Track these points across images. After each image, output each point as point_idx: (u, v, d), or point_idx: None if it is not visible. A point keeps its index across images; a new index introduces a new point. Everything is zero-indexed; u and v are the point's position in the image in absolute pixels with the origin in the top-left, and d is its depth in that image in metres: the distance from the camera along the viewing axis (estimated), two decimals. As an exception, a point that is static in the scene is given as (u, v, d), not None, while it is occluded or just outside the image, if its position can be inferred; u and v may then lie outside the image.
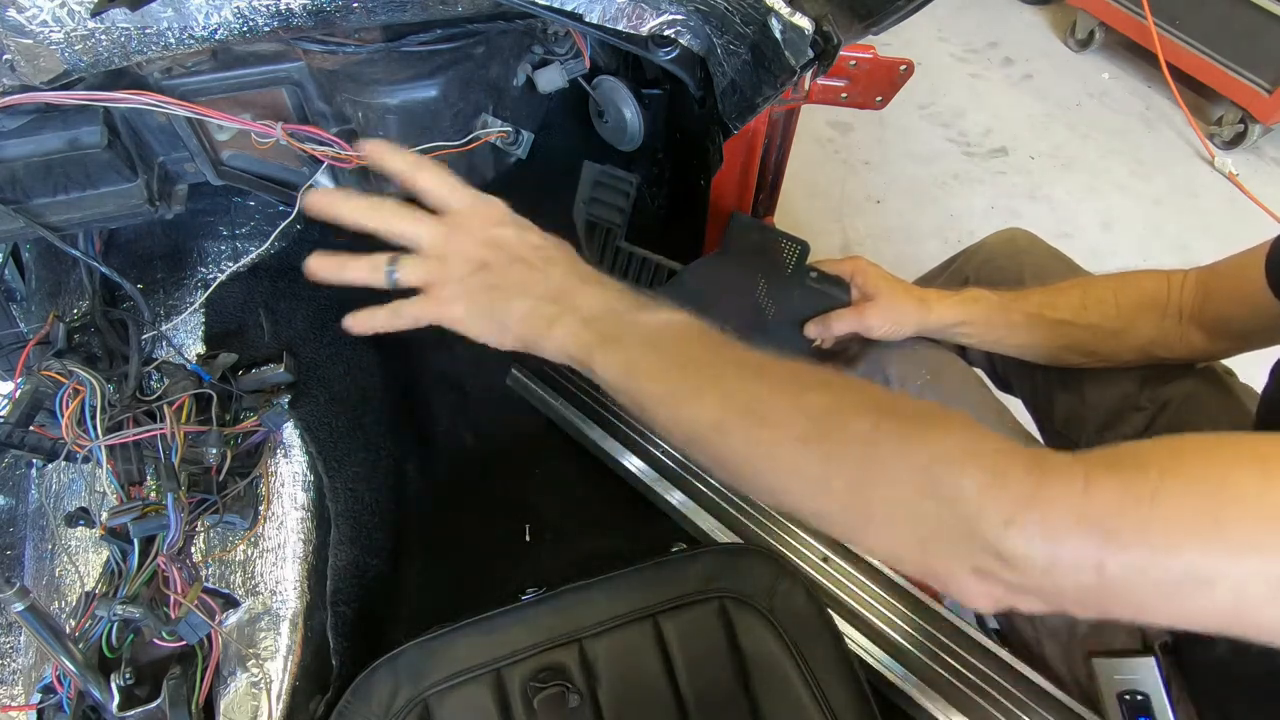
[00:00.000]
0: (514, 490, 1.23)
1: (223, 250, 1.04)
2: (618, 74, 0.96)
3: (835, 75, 1.17)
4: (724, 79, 0.77)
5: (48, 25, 0.59)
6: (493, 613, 0.84)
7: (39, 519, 0.91)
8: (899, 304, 0.90)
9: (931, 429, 0.45)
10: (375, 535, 1.02)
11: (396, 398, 1.22)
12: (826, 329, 0.90)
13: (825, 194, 2.19)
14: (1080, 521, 0.40)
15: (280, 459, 0.93)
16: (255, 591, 0.85)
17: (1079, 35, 2.65)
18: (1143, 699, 0.75)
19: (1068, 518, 0.41)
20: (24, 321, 0.97)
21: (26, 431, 0.79)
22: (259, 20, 0.64)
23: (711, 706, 0.80)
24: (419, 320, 0.64)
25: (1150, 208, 2.20)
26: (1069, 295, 0.91)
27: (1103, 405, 0.97)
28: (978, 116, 2.45)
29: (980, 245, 1.13)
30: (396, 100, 0.74)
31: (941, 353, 0.96)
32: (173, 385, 0.87)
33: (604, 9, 0.69)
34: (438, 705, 0.79)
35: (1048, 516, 0.41)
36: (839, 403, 0.47)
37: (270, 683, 0.79)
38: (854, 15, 0.72)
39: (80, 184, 0.72)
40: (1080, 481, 0.41)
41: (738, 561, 0.88)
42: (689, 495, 1.10)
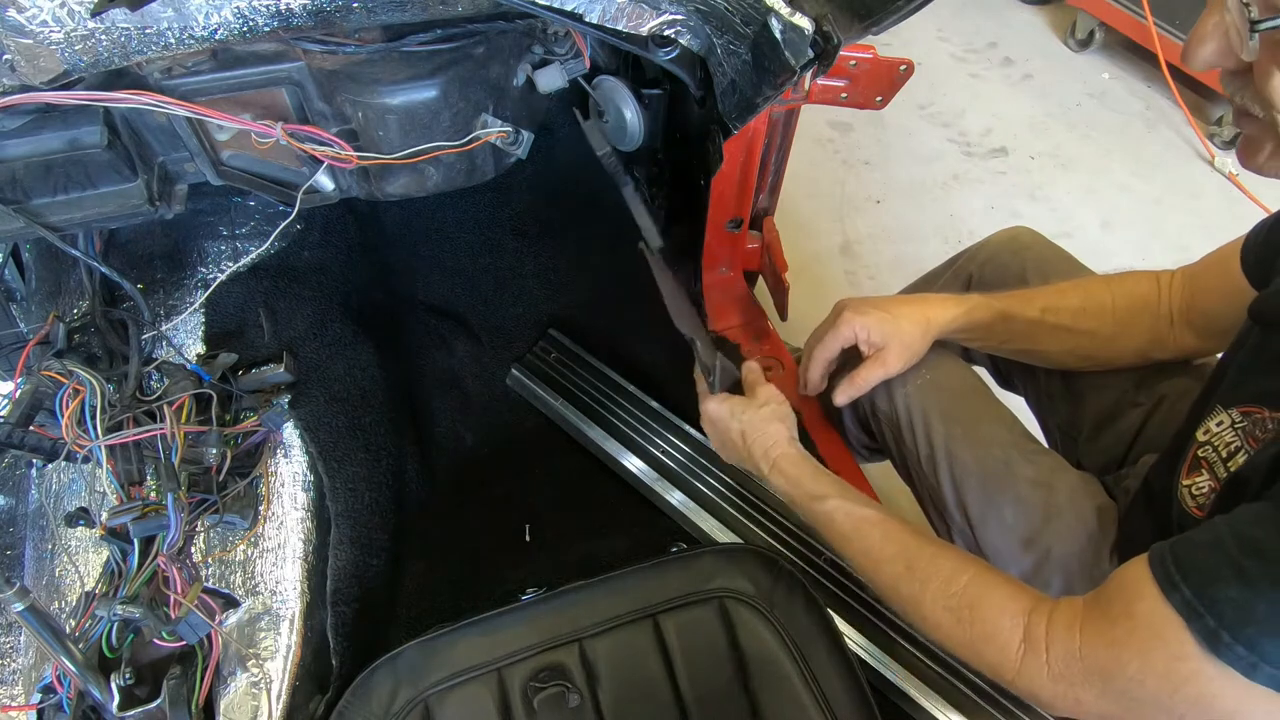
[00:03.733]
0: (514, 490, 1.23)
1: (223, 250, 1.04)
2: (618, 74, 0.96)
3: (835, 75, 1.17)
4: (724, 79, 0.77)
5: (48, 25, 0.59)
6: (493, 613, 0.84)
7: (39, 519, 0.91)
8: (906, 339, 0.92)
9: (970, 623, 0.67)
10: (375, 535, 1.02)
11: (396, 398, 1.22)
12: (859, 387, 0.93)
13: (825, 194, 2.19)
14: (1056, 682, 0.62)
15: (280, 459, 0.93)
16: (255, 591, 0.85)
17: (1079, 35, 2.65)
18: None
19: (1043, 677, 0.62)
20: (24, 321, 0.97)
21: (26, 431, 0.79)
22: (259, 20, 0.64)
23: (711, 706, 0.80)
24: None
25: (1150, 208, 2.19)
26: (1069, 298, 0.92)
27: (1101, 402, 0.97)
28: (978, 116, 2.45)
29: (983, 244, 1.13)
30: (396, 100, 0.74)
31: (943, 355, 0.97)
32: (173, 385, 0.87)
33: (604, 9, 0.69)
34: (438, 705, 0.79)
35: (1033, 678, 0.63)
36: (917, 589, 0.72)
37: (270, 683, 0.79)
38: (854, 15, 0.72)
39: (80, 184, 0.72)
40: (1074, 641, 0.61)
41: (738, 561, 0.88)
42: (689, 495, 1.10)
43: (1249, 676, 0.50)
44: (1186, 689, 0.54)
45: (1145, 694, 0.56)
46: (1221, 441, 0.69)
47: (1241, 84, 0.55)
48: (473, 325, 1.38)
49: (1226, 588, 0.51)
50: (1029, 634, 0.63)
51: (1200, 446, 0.71)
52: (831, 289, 1.95)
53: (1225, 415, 0.69)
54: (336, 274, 1.16)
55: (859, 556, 0.78)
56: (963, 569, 0.70)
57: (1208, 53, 0.54)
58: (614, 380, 1.26)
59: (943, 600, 0.69)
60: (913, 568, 0.72)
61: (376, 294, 1.28)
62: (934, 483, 0.93)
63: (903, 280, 1.30)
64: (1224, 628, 0.50)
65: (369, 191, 0.84)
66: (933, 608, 0.70)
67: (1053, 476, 0.88)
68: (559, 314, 1.40)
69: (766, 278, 1.53)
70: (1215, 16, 0.53)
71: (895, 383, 0.95)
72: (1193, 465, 0.72)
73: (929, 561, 0.72)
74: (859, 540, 0.78)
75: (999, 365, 1.12)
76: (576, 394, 1.26)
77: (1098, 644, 0.59)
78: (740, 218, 1.41)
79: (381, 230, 1.33)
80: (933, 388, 0.94)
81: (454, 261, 1.38)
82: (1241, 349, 0.72)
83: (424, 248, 1.36)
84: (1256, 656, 0.49)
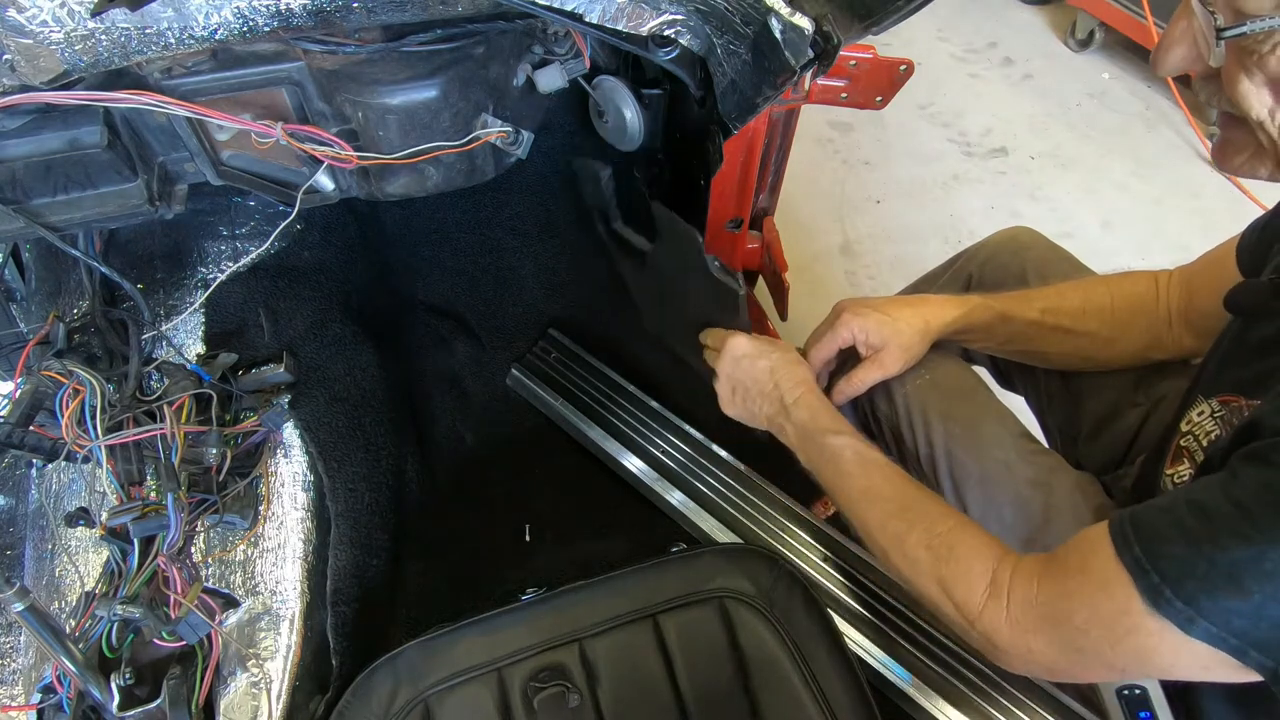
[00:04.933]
0: (514, 490, 1.23)
1: (223, 250, 1.04)
2: (618, 74, 0.96)
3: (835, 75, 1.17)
4: (724, 79, 0.77)
5: (48, 25, 0.58)
6: (493, 613, 0.84)
7: (39, 519, 0.91)
8: (904, 341, 0.91)
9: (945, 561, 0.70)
10: (375, 535, 1.02)
11: (396, 398, 1.22)
12: (856, 388, 0.93)
13: (825, 194, 2.19)
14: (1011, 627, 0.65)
15: (280, 459, 0.93)
16: (255, 591, 0.85)
17: (1079, 35, 2.65)
18: (1140, 694, 0.75)
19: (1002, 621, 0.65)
20: (24, 321, 0.97)
21: (26, 431, 0.79)
22: (259, 20, 0.64)
23: (711, 706, 0.80)
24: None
25: (1150, 208, 2.19)
26: (1069, 299, 0.92)
27: (1100, 402, 0.97)
28: (978, 116, 2.45)
29: (983, 244, 1.13)
30: (396, 100, 0.74)
31: (942, 355, 0.96)
32: (173, 385, 0.87)
33: (604, 9, 0.69)
34: (438, 705, 0.79)
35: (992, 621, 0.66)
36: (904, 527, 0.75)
37: (270, 683, 0.79)
38: (854, 15, 0.72)
39: (80, 184, 0.72)
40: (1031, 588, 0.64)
41: (738, 561, 0.88)
42: (689, 495, 1.10)
43: (1186, 631, 0.52)
44: (1128, 641, 0.56)
45: (1089, 644, 0.59)
46: (1202, 430, 0.70)
47: (1212, 89, 0.57)
48: (473, 325, 1.38)
49: (1172, 546, 0.54)
50: (995, 579, 0.67)
51: (1183, 436, 0.73)
52: (831, 289, 1.95)
53: (1206, 405, 0.70)
54: (336, 274, 1.16)
55: (857, 493, 0.80)
56: (949, 515, 0.74)
57: (1176, 58, 0.55)
58: (614, 380, 1.26)
59: (925, 540, 0.73)
60: (905, 509, 0.76)
61: (376, 294, 1.28)
62: (934, 483, 0.93)
63: (903, 280, 1.30)
64: (1166, 583, 0.53)
65: (369, 191, 0.84)
66: (915, 546, 0.73)
67: (1052, 477, 0.88)
68: (559, 314, 1.40)
69: (766, 278, 1.53)
70: (1183, 22, 0.54)
71: (894, 383, 0.95)
72: (1176, 455, 0.73)
73: (920, 505, 0.76)
74: (862, 477, 0.80)
75: (999, 365, 1.12)
76: (576, 394, 1.26)
77: (1052, 593, 0.62)
78: (740, 218, 1.41)
79: (381, 230, 1.33)
80: (932, 388, 0.94)
81: (454, 261, 1.38)
82: (1224, 341, 0.73)
83: (424, 248, 1.36)
84: (1194, 611, 0.52)
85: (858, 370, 0.93)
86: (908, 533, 0.74)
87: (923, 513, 0.75)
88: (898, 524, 0.76)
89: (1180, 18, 0.54)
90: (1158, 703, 0.74)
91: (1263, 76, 0.52)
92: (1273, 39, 0.49)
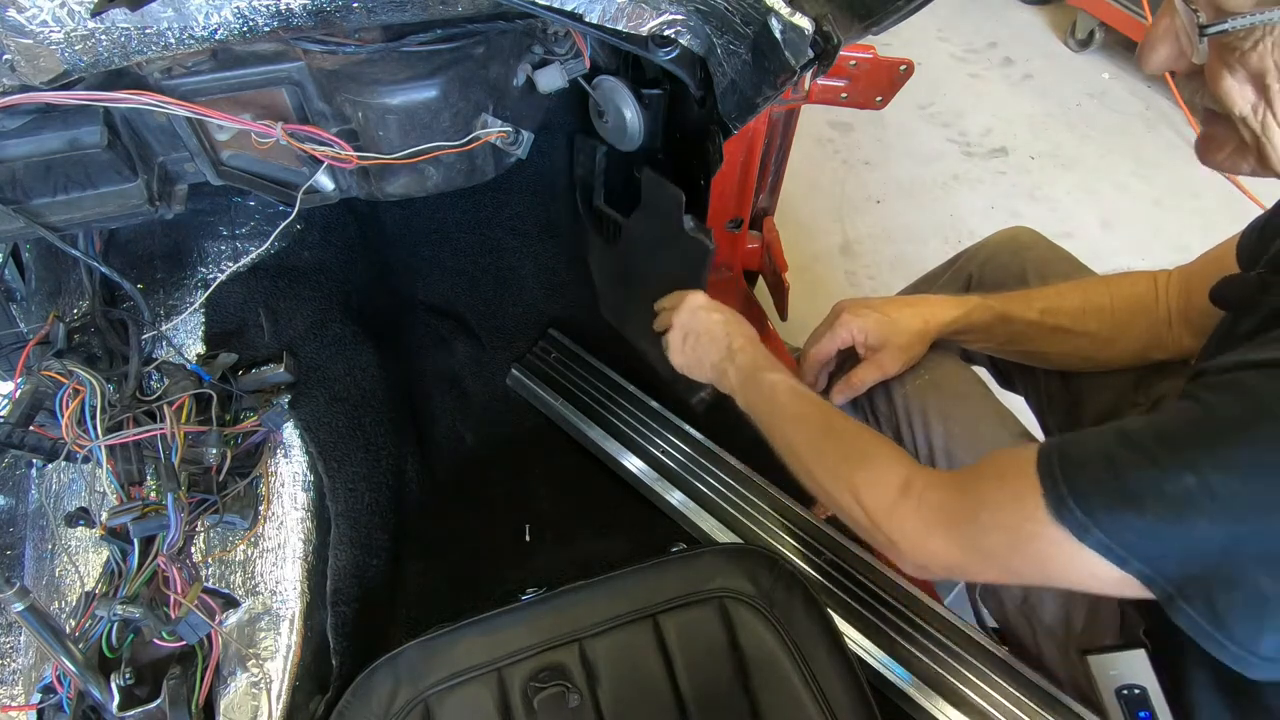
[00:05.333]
0: (514, 490, 1.23)
1: (223, 250, 1.04)
2: (618, 74, 0.95)
3: (835, 75, 1.17)
4: (724, 79, 0.77)
5: (48, 25, 0.58)
6: (493, 613, 0.84)
7: (39, 519, 0.91)
8: (903, 341, 0.92)
9: (861, 467, 0.74)
10: (375, 535, 1.02)
11: (396, 398, 1.22)
12: (855, 388, 0.94)
13: (825, 194, 2.19)
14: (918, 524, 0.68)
15: (280, 459, 0.93)
16: (255, 591, 0.85)
17: (1079, 35, 2.65)
18: (1140, 692, 0.75)
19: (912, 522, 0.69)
20: (24, 321, 0.97)
21: (26, 431, 0.79)
22: (259, 20, 0.64)
23: (711, 706, 0.80)
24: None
25: (1150, 208, 2.19)
26: (1068, 299, 0.92)
27: (1101, 403, 0.97)
28: (978, 116, 2.45)
29: (983, 244, 1.13)
30: (396, 100, 0.74)
31: (942, 355, 0.96)
32: (173, 385, 0.87)
33: (604, 9, 0.69)
34: (438, 705, 0.79)
35: (902, 521, 0.69)
36: (827, 444, 0.79)
37: (270, 683, 0.79)
38: (854, 15, 0.72)
39: (80, 184, 0.72)
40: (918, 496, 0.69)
41: (738, 561, 0.88)
42: (689, 495, 1.10)
43: (1080, 539, 0.55)
44: (1027, 546, 0.59)
45: (989, 545, 0.63)
46: None
47: (1196, 86, 0.58)
48: (473, 325, 1.38)
49: (1087, 465, 0.57)
50: (909, 484, 0.70)
51: None
52: (831, 289, 1.95)
53: None
54: (336, 274, 1.16)
55: (789, 420, 0.84)
56: (869, 432, 0.80)
57: (1160, 57, 0.57)
58: (614, 380, 1.26)
59: (844, 451, 0.77)
60: (829, 427, 0.81)
61: (376, 294, 1.28)
62: (933, 482, 0.93)
63: (903, 280, 1.30)
64: (1072, 495, 0.56)
65: (369, 191, 0.84)
66: (835, 458, 0.78)
67: (1051, 476, 0.88)
68: (559, 314, 1.40)
69: (766, 278, 1.53)
70: (1166, 20, 0.55)
71: (894, 383, 0.95)
72: None
73: (843, 423, 0.81)
74: (794, 406, 0.84)
75: (999, 365, 1.12)
76: (576, 394, 1.26)
77: (964, 495, 0.66)
78: (740, 218, 1.42)
79: (381, 230, 1.33)
80: (931, 388, 0.94)
81: (454, 261, 1.38)
82: (1215, 336, 0.74)
83: (424, 248, 1.36)
84: (1091, 521, 0.55)
85: (857, 370, 0.93)
86: (829, 447, 0.79)
87: (844, 430, 0.80)
88: (821, 440, 0.80)
89: (1164, 15, 0.55)
90: (1157, 702, 0.75)
91: (1245, 73, 0.52)
92: (1253, 36, 0.50)
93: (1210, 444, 0.51)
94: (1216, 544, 0.51)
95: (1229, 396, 0.53)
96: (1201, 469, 0.51)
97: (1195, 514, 0.51)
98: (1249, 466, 0.50)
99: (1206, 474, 0.50)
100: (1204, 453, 0.51)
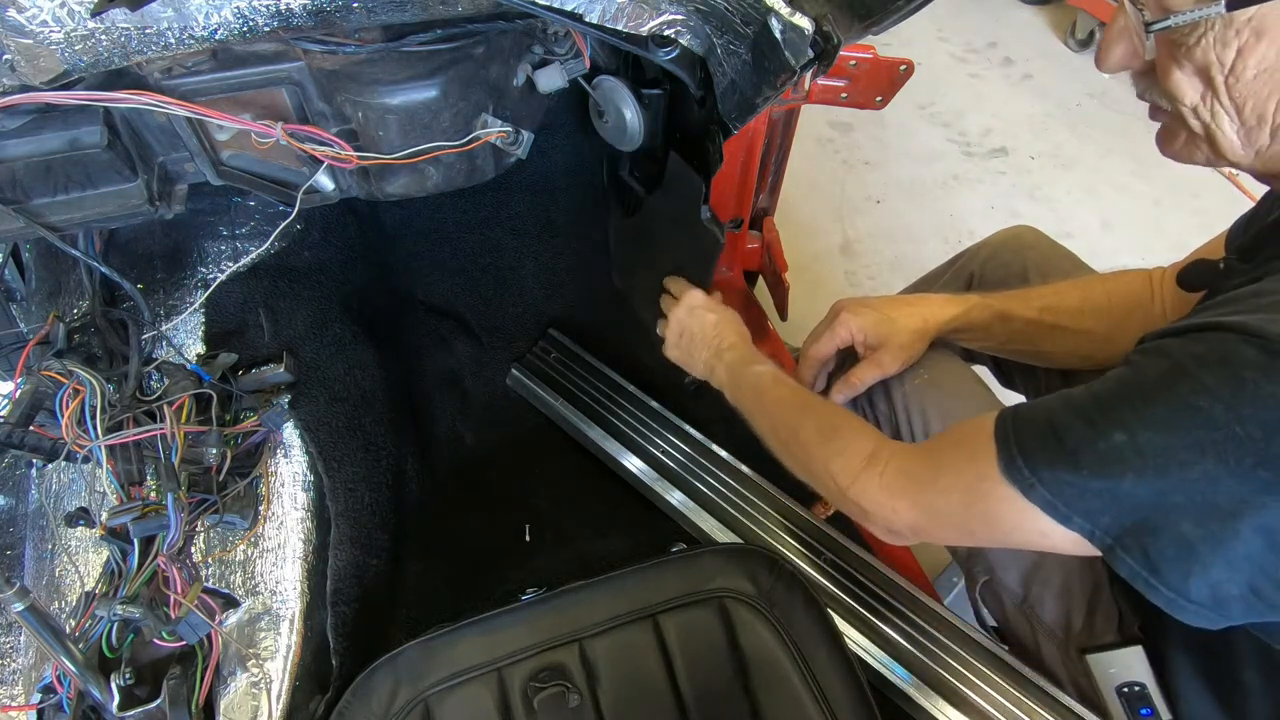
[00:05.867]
0: (514, 490, 1.23)
1: (223, 250, 1.04)
2: (618, 74, 0.95)
3: (835, 75, 1.17)
4: (724, 79, 0.77)
5: (48, 25, 0.58)
6: (493, 613, 0.84)
7: (39, 519, 0.91)
8: (902, 340, 0.92)
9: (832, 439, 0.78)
10: (375, 535, 1.02)
11: (396, 398, 1.22)
12: (854, 387, 0.95)
13: (825, 194, 2.19)
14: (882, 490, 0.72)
15: (280, 459, 0.93)
16: (255, 591, 0.85)
17: (1079, 35, 2.65)
18: (1140, 689, 0.76)
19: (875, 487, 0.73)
20: (24, 321, 0.97)
21: (26, 431, 0.79)
22: (259, 20, 0.63)
23: (711, 706, 0.80)
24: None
25: (1150, 208, 2.19)
26: (1067, 298, 0.92)
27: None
28: (978, 116, 2.45)
29: (985, 243, 1.14)
30: (396, 100, 0.74)
31: (941, 354, 0.96)
32: (173, 385, 0.87)
33: (604, 9, 0.69)
34: (438, 705, 0.79)
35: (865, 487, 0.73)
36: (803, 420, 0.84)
37: (270, 683, 0.79)
38: (854, 15, 0.72)
39: (80, 184, 0.72)
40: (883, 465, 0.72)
41: (738, 561, 0.88)
42: (689, 495, 1.10)
43: (1026, 496, 0.58)
44: (980, 505, 0.63)
45: (947, 506, 0.66)
46: None
47: (1149, 83, 0.61)
48: (473, 325, 1.38)
49: (1035, 424, 0.60)
50: (875, 453, 0.74)
51: None
52: (831, 289, 1.95)
53: None
54: (336, 274, 1.16)
55: (771, 403, 0.89)
56: (843, 411, 0.84)
57: (1115, 56, 0.60)
58: (614, 380, 1.26)
59: (817, 424, 0.82)
60: (806, 407, 0.86)
61: (376, 294, 1.28)
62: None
63: (903, 280, 1.30)
64: (1019, 452, 0.59)
65: (369, 191, 0.84)
66: (809, 431, 0.82)
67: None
68: (559, 314, 1.40)
69: (766, 278, 1.53)
70: (1120, 21, 0.59)
71: (893, 382, 0.95)
72: None
73: (818, 403, 0.87)
74: (774, 391, 0.90)
75: (1000, 364, 1.12)
76: (576, 394, 1.26)
77: (926, 460, 0.70)
78: (740, 218, 1.42)
79: (381, 230, 1.33)
80: (931, 387, 0.94)
81: (454, 261, 1.38)
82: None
83: (424, 248, 1.36)
84: (1035, 479, 0.58)
85: (856, 370, 0.93)
86: (805, 422, 0.83)
87: (819, 408, 0.85)
88: (797, 417, 0.85)
89: (1116, 17, 0.59)
90: (1157, 698, 0.75)
91: (1191, 66, 0.56)
92: (1196, 31, 0.53)
93: (1136, 404, 0.55)
94: (1145, 497, 0.54)
95: (1155, 359, 0.56)
96: (1130, 427, 0.54)
97: (1123, 469, 0.54)
98: (1168, 422, 0.53)
99: (1134, 431, 0.54)
100: (1130, 412, 0.55)
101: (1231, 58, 0.53)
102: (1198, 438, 0.51)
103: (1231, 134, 0.57)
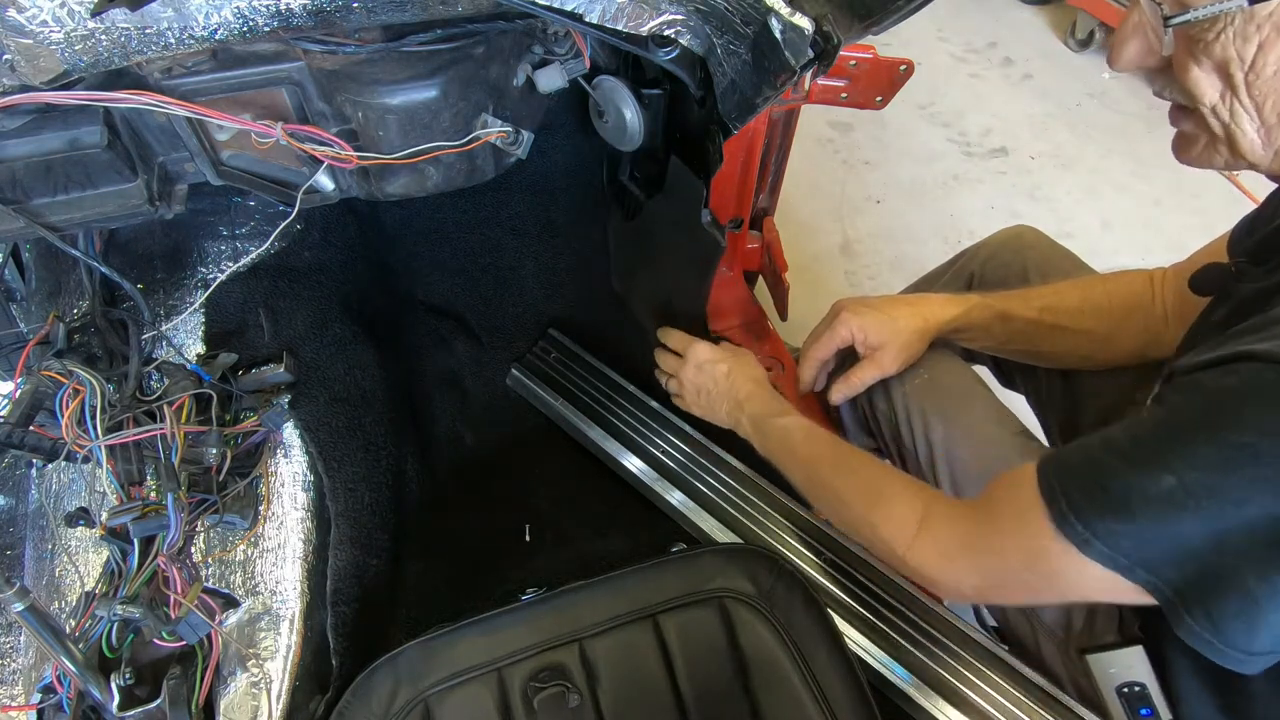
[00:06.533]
0: (514, 490, 1.23)
1: (223, 250, 1.04)
2: (618, 74, 0.95)
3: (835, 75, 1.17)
4: (724, 79, 0.77)
5: (48, 25, 0.58)
6: (493, 613, 0.84)
7: (39, 519, 0.91)
8: (902, 340, 0.92)
9: (878, 505, 0.78)
10: (375, 535, 1.02)
11: (396, 398, 1.22)
12: (854, 387, 0.95)
13: (825, 194, 2.19)
14: (941, 557, 0.71)
15: (280, 459, 0.93)
16: (255, 591, 0.85)
17: (1079, 35, 2.65)
18: (1140, 689, 0.76)
19: (932, 554, 0.72)
20: (24, 321, 0.97)
21: (26, 431, 0.79)
22: (259, 20, 0.63)
23: (711, 706, 0.80)
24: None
25: (1150, 208, 2.20)
26: (1067, 298, 0.92)
27: (1101, 401, 0.97)
28: (978, 116, 2.45)
29: (985, 242, 1.14)
30: (396, 100, 0.74)
31: (941, 354, 0.97)
32: (173, 385, 0.87)
33: (604, 9, 0.69)
34: (438, 705, 0.79)
35: (923, 554, 0.72)
36: (841, 481, 0.84)
37: (270, 683, 0.79)
38: (854, 15, 0.72)
39: (80, 184, 0.72)
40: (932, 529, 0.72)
41: (738, 561, 0.88)
42: (689, 495, 1.10)
43: (1083, 552, 0.57)
44: (1039, 564, 0.61)
45: (1008, 568, 0.65)
46: None
47: (1166, 80, 0.59)
48: (473, 325, 1.38)
49: (1079, 476, 0.59)
50: (926, 518, 0.73)
51: None
52: (831, 289, 1.95)
53: None
54: (336, 274, 1.16)
55: (804, 459, 0.89)
56: (880, 466, 0.84)
57: (1131, 52, 0.58)
58: (614, 380, 1.26)
59: (858, 486, 0.82)
60: (842, 464, 0.85)
61: (376, 294, 1.28)
62: (933, 481, 0.93)
63: (903, 280, 1.30)
64: (1070, 508, 0.57)
65: (369, 191, 0.84)
66: (851, 493, 0.82)
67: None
68: (559, 314, 1.40)
69: (766, 278, 1.53)
70: (1135, 16, 0.57)
71: (893, 382, 0.95)
72: None
73: (858, 461, 0.85)
74: (808, 446, 0.89)
75: (1000, 364, 1.12)
76: (576, 394, 1.26)
77: (977, 522, 0.69)
78: (740, 218, 1.42)
79: (381, 230, 1.33)
80: (931, 387, 0.94)
81: (454, 261, 1.38)
82: (1194, 324, 0.76)
83: (424, 248, 1.36)
84: (1090, 533, 0.56)
85: (856, 370, 0.93)
86: (846, 484, 0.83)
87: (859, 465, 0.84)
88: (838, 479, 0.84)
89: (1131, 12, 0.57)
90: (1157, 698, 0.75)
91: (1210, 63, 0.54)
92: (1216, 26, 0.52)
93: (1178, 445, 0.53)
94: (1203, 540, 0.52)
95: (1191, 397, 0.55)
96: (1176, 469, 0.52)
97: (1178, 512, 0.52)
98: (1213, 462, 0.51)
99: (1181, 473, 0.52)
100: (1174, 454, 0.53)
101: (1252, 53, 0.52)
102: (1249, 474, 0.50)
103: (1252, 133, 0.56)
